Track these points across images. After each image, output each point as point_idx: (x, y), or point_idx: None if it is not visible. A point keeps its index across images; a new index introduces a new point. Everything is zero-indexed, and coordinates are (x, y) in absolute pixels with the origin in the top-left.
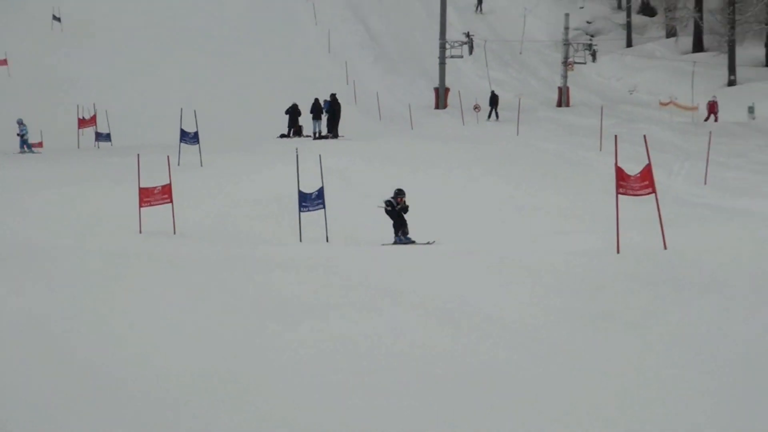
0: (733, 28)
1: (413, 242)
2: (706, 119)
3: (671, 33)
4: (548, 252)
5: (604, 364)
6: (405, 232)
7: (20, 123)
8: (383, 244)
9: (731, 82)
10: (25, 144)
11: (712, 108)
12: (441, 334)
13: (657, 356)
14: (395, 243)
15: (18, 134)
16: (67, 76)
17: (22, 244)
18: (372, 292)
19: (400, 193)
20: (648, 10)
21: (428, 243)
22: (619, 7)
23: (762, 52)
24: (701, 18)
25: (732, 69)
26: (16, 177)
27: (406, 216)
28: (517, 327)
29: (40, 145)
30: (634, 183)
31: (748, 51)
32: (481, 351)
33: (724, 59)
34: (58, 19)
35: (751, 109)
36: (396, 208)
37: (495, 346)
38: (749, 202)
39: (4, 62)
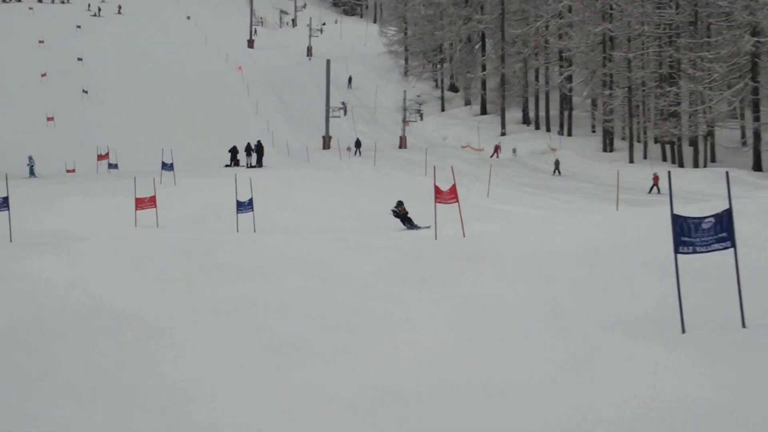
0: (503, 100)
1: (418, 227)
2: (491, 156)
3: (467, 102)
4: (390, 238)
5: (424, 307)
6: (412, 223)
7: (30, 158)
8: (401, 230)
9: (503, 133)
10: (31, 172)
11: (497, 149)
12: (317, 288)
13: (454, 304)
14: (408, 229)
15: (28, 165)
16: (90, 126)
17: (60, 233)
18: (281, 263)
19: (399, 204)
20: (454, 88)
21: (427, 227)
22: (437, 86)
23: (521, 115)
24: (485, 93)
25: (503, 125)
26: (55, 190)
27: (409, 215)
28: (365, 278)
29: (72, 171)
30: (445, 195)
31: (512, 114)
32: (344, 297)
33: (498, 118)
34: (86, 92)
35: (514, 151)
36: (399, 214)
37: (355, 294)
38: (512, 207)
39: (52, 119)
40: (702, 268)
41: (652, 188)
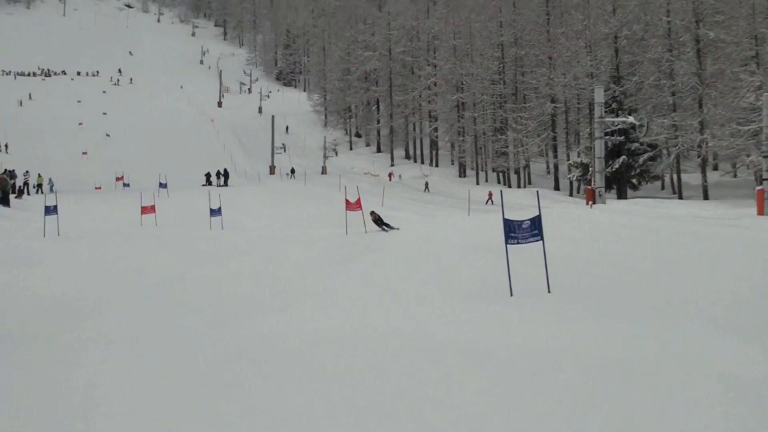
0: (392, 143)
1: (393, 228)
2: (389, 179)
3: (368, 144)
4: (316, 233)
5: (342, 278)
6: (388, 225)
7: (50, 179)
8: (378, 230)
9: (392, 165)
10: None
11: (390, 175)
12: (267, 266)
13: (362, 275)
14: (383, 230)
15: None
16: (111, 158)
17: (89, 230)
18: (240, 250)
19: (372, 213)
20: (358, 135)
21: (397, 228)
22: (346, 133)
23: (404, 152)
24: (380, 138)
25: (392, 159)
26: (85, 204)
27: (384, 220)
28: (300, 260)
29: (99, 188)
30: (353, 205)
31: (398, 152)
32: (286, 273)
33: (388, 155)
34: (108, 135)
35: (400, 176)
36: (374, 220)
37: (294, 270)
38: (398, 213)
39: (86, 153)
40: (522, 254)
41: (487, 201)
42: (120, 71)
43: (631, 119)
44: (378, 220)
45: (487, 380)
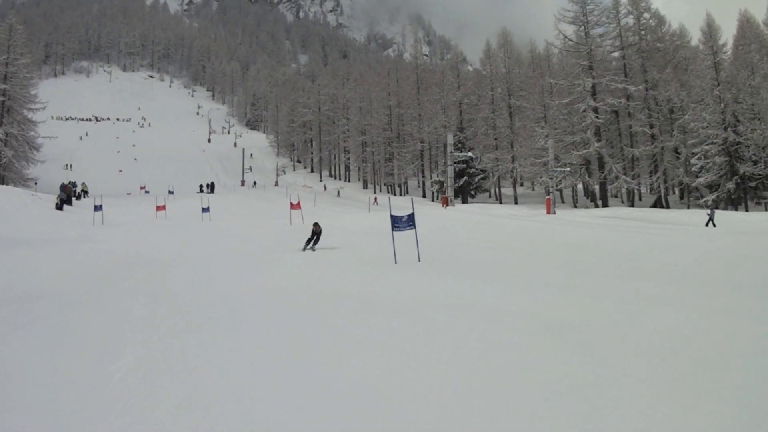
0: (320, 166)
1: (313, 248)
2: (324, 190)
3: (305, 167)
4: (272, 225)
5: (290, 255)
6: (316, 242)
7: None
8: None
9: (321, 180)
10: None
11: (325, 188)
12: (240, 246)
13: (305, 255)
14: (305, 249)
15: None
16: (138, 174)
17: (122, 220)
18: (222, 235)
19: (316, 224)
20: (299, 161)
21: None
22: (291, 160)
23: (329, 172)
24: (313, 164)
25: (321, 177)
26: (121, 202)
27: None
28: (263, 242)
29: (129, 194)
30: (295, 206)
31: (325, 172)
32: (253, 250)
33: (318, 174)
34: (136, 159)
35: (325, 187)
36: (313, 232)
37: (258, 249)
38: (324, 211)
39: (121, 171)
40: (402, 238)
41: (373, 203)
42: (144, 118)
43: (470, 154)
44: (314, 235)
45: (380, 315)
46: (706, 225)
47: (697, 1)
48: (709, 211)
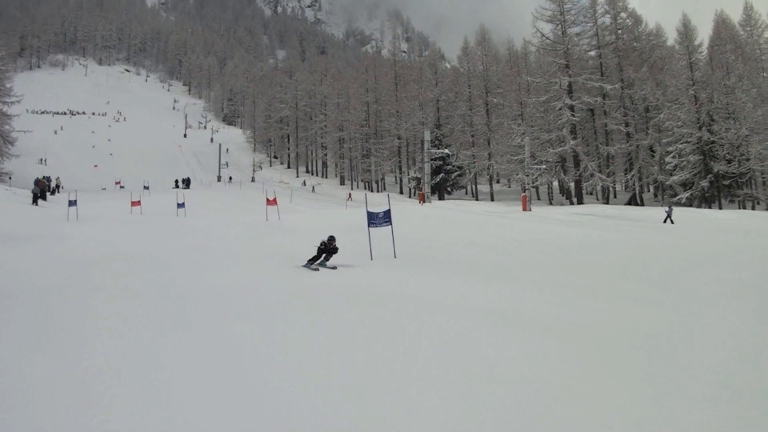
0: (297, 162)
1: (322, 268)
2: (303, 185)
3: (282, 163)
4: (245, 220)
5: (257, 248)
6: (327, 260)
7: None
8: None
9: (297, 176)
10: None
11: (304, 182)
12: (208, 242)
13: (271, 246)
14: (306, 266)
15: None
16: (113, 169)
17: (97, 216)
18: (192, 232)
19: (332, 239)
20: (276, 157)
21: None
22: (267, 156)
23: (305, 169)
24: (290, 160)
25: (297, 173)
26: (94, 199)
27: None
28: (232, 237)
29: (104, 188)
30: (271, 202)
31: (302, 168)
32: (221, 245)
33: (295, 170)
34: (111, 154)
35: (304, 183)
36: (327, 248)
37: (227, 243)
38: (300, 207)
39: (96, 166)
40: (378, 234)
41: (348, 199)
42: (119, 113)
43: (446, 151)
44: (329, 251)
45: (355, 306)
46: (664, 222)
47: (674, 1)
48: (667, 209)
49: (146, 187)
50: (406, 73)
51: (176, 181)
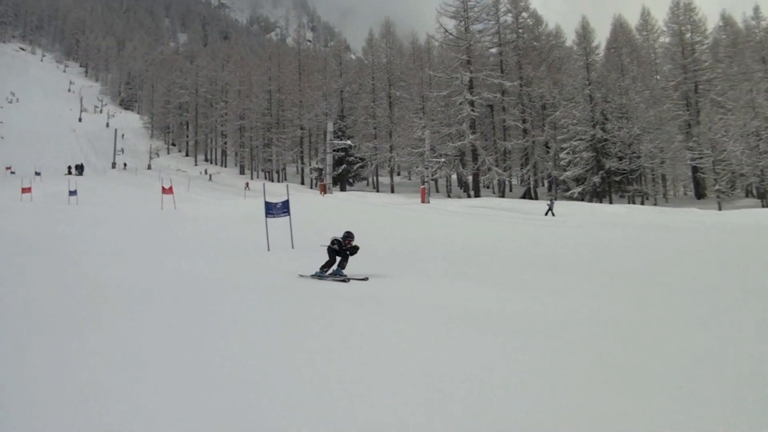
0: (196, 151)
1: (344, 277)
2: (205, 174)
3: (180, 151)
4: (140, 207)
5: (150, 238)
6: (342, 267)
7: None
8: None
9: (195, 165)
10: None
11: (206, 171)
12: (103, 231)
13: (164, 239)
14: (315, 275)
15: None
16: (4, 154)
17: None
18: (86, 219)
19: (349, 236)
20: (174, 144)
21: (364, 279)
22: (165, 143)
23: (203, 157)
24: (188, 148)
25: (196, 162)
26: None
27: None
28: (128, 225)
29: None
30: (167, 190)
31: (200, 158)
32: (127, 236)
33: (193, 158)
34: (2, 138)
35: (205, 171)
36: (342, 248)
37: (124, 231)
38: (198, 196)
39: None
40: (276, 224)
41: (245, 188)
42: (12, 93)
43: (349, 142)
44: (344, 253)
45: (254, 293)
46: (545, 214)
47: (575, 3)
48: (549, 201)
49: (38, 173)
50: (310, 62)
51: (69, 168)
